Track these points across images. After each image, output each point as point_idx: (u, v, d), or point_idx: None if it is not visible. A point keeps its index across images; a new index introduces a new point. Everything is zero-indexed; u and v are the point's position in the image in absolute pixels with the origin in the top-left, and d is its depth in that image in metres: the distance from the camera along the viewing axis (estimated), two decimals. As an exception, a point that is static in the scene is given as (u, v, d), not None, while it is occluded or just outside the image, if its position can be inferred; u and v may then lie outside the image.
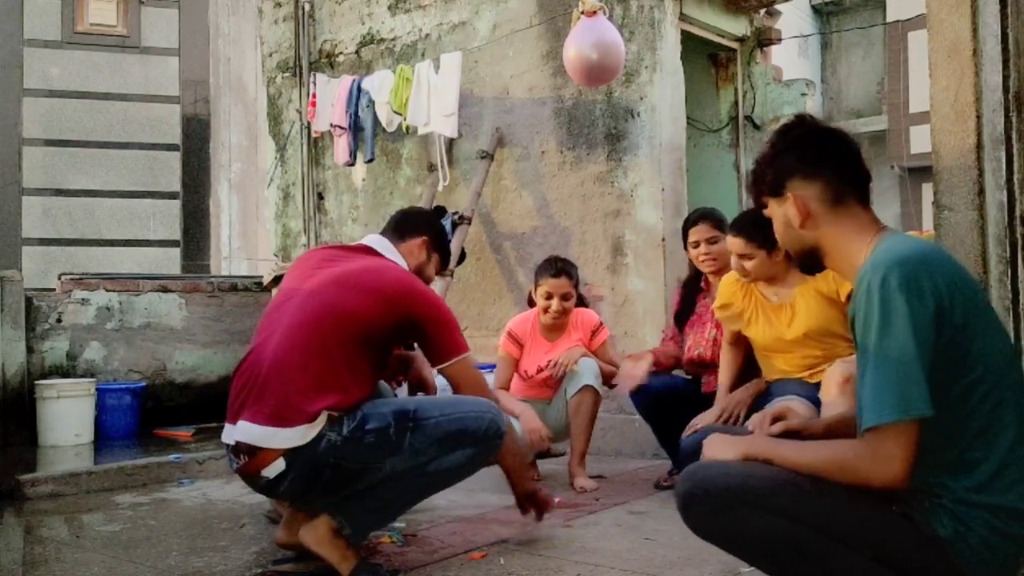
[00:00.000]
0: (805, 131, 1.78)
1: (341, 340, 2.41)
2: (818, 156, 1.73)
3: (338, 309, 2.44)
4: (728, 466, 1.65)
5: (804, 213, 1.73)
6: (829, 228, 1.72)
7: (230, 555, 2.89)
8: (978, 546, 1.53)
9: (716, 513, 1.62)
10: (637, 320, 4.64)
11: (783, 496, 1.58)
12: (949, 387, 1.52)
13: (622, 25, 4.62)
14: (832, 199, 1.71)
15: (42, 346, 5.37)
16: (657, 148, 4.60)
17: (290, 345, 2.40)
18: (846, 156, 1.74)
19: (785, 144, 1.77)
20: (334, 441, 2.34)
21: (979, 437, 1.53)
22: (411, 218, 2.89)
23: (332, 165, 6.13)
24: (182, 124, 9.44)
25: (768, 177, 1.78)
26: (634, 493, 3.58)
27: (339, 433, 2.35)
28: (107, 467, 4.23)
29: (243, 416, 2.38)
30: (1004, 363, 1.58)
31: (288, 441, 2.31)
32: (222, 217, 9.67)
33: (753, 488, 1.59)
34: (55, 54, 9.03)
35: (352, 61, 6.07)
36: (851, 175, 1.73)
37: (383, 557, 2.77)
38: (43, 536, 3.33)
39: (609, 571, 2.53)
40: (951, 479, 1.54)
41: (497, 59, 5.27)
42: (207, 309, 5.96)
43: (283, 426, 2.31)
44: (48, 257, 8.76)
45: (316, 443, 2.32)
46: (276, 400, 2.34)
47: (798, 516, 1.58)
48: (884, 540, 1.56)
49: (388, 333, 2.52)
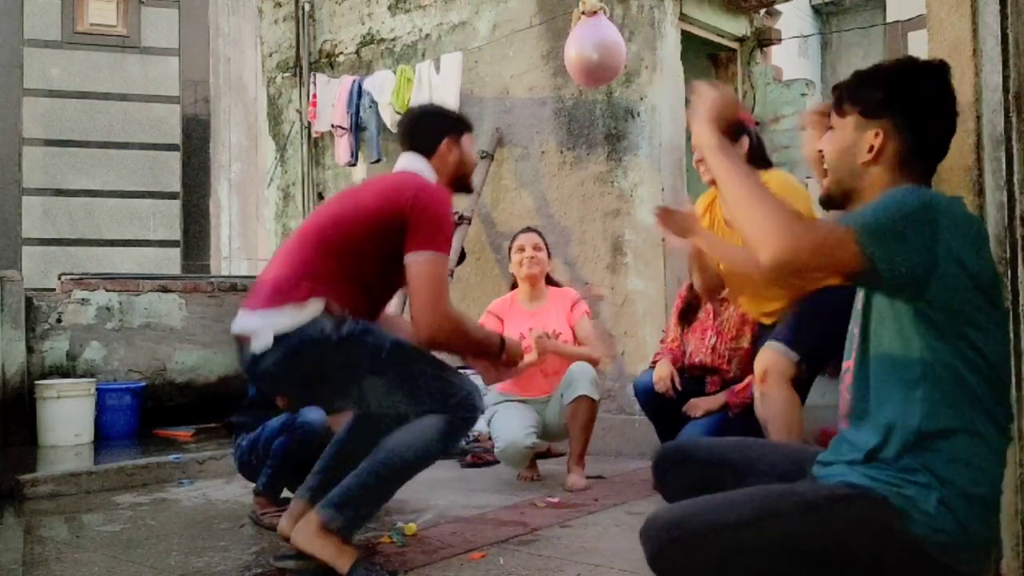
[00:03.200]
0: (945, 91, 1.64)
1: (335, 239, 2.48)
2: (935, 120, 1.63)
3: (335, 215, 2.55)
4: (684, 526, 1.57)
5: (877, 153, 1.64)
6: (883, 180, 1.65)
7: (230, 555, 2.89)
8: (936, 514, 1.51)
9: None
10: (637, 320, 4.64)
11: (753, 533, 1.53)
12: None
13: (622, 25, 4.62)
14: (907, 159, 1.64)
15: (42, 346, 5.37)
16: (657, 148, 4.60)
17: (287, 248, 2.56)
18: (945, 130, 1.65)
19: (920, 84, 1.64)
20: (328, 333, 2.37)
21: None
22: (423, 126, 2.76)
23: (332, 165, 6.13)
24: (182, 124, 9.43)
25: (877, 95, 1.64)
26: (633, 493, 3.58)
27: (336, 330, 2.37)
28: (107, 467, 4.23)
29: (244, 305, 2.51)
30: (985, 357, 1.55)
31: (276, 323, 2.38)
32: (222, 217, 9.66)
33: (725, 538, 1.54)
34: (55, 54, 9.02)
35: (352, 61, 6.07)
36: (936, 151, 1.67)
37: (383, 557, 2.77)
38: (43, 536, 3.33)
39: (609, 571, 2.53)
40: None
41: (497, 59, 5.27)
42: (207, 309, 5.96)
43: (271, 307, 2.41)
44: (48, 257, 8.75)
45: (308, 327, 2.37)
46: (267, 290, 2.46)
47: (774, 550, 1.54)
48: (858, 554, 1.53)
49: (383, 231, 2.46)
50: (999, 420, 1.57)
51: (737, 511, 1.55)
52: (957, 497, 1.52)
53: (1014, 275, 1.93)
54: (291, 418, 3.16)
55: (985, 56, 1.98)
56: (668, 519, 1.60)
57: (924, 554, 1.51)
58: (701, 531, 1.55)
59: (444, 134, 2.74)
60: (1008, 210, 1.94)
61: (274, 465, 3.21)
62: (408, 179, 2.59)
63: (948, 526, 1.51)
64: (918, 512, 1.52)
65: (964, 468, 1.53)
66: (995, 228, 1.95)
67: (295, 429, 3.15)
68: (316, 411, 3.16)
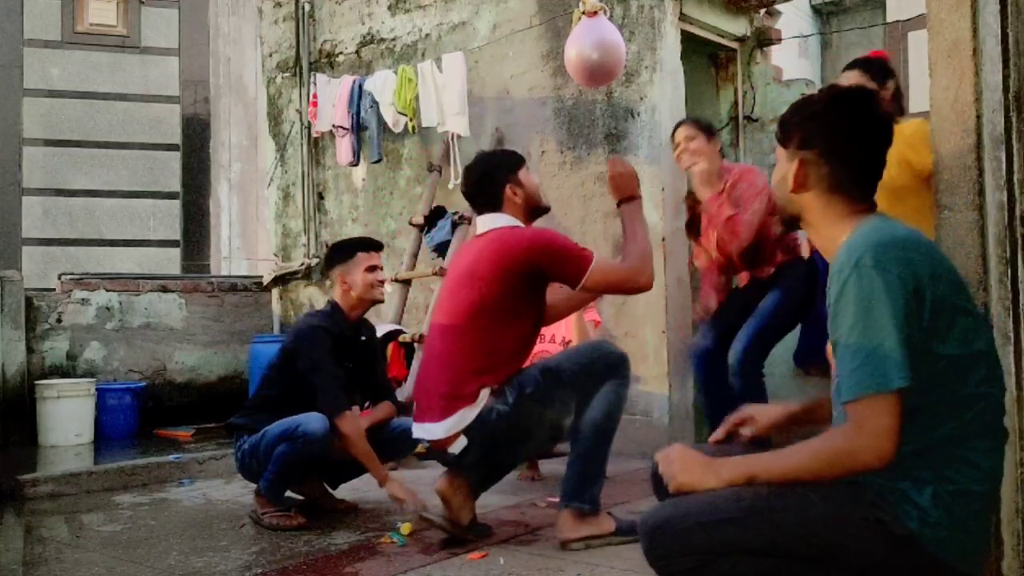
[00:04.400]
0: (852, 112, 1.70)
1: (475, 328, 2.75)
2: (845, 145, 1.68)
3: (463, 303, 2.79)
4: (685, 520, 1.59)
5: (799, 182, 1.70)
6: (816, 204, 1.70)
7: (230, 555, 2.89)
8: (942, 519, 1.51)
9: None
10: (637, 320, 4.64)
11: (746, 532, 1.54)
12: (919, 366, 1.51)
13: (622, 25, 4.62)
14: (833, 186, 1.68)
15: (42, 346, 5.37)
16: (657, 148, 4.60)
17: (434, 353, 2.87)
18: (870, 155, 1.69)
19: (827, 113, 1.71)
20: (501, 411, 2.71)
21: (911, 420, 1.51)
22: (481, 188, 2.99)
23: (332, 165, 6.12)
24: (182, 124, 9.42)
25: (793, 129, 1.73)
26: (634, 493, 3.58)
27: (505, 403, 2.72)
28: (107, 467, 4.23)
29: (419, 420, 2.85)
30: (959, 367, 1.55)
31: (456, 427, 2.72)
32: (222, 217, 9.65)
33: (718, 536, 1.55)
34: (55, 54, 9.02)
35: (352, 61, 6.07)
36: (865, 174, 1.70)
37: (383, 557, 2.77)
38: (43, 536, 3.33)
39: (609, 571, 2.53)
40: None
41: (497, 59, 5.27)
42: (207, 309, 5.96)
43: (449, 416, 2.73)
44: (48, 257, 8.75)
45: (487, 416, 2.71)
46: (440, 404, 2.76)
47: (767, 548, 1.55)
48: (852, 551, 1.53)
49: (516, 291, 2.77)
50: (995, 416, 1.57)
51: (731, 506, 1.56)
52: (952, 492, 1.52)
53: (1014, 275, 1.93)
54: (292, 426, 3.16)
55: (985, 56, 1.98)
56: (664, 514, 1.62)
57: (917, 549, 1.51)
58: (696, 526, 1.56)
59: (503, 183, 2.93)
60: (1008, 210, 1.94)
61: (275, 471, 3.21)
62: (507, 236, 2.83)
63: (942, 521, 1.51)
64: (911, 506, 1.52)
65: (960, 464, 1.53)
66: (995, 228, 1.95)
67: (296, 439, 3.14)
68: (317, 420, 3.15)
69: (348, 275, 3.45)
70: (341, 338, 3.41)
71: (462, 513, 2.87)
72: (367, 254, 3.50)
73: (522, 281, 2.77)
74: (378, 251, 3.56)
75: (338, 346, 3.38)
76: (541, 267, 2.77)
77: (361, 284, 3.44)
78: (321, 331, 3.35)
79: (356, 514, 3.44)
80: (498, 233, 2.86)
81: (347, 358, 3.43)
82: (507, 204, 2.93)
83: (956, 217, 2.03)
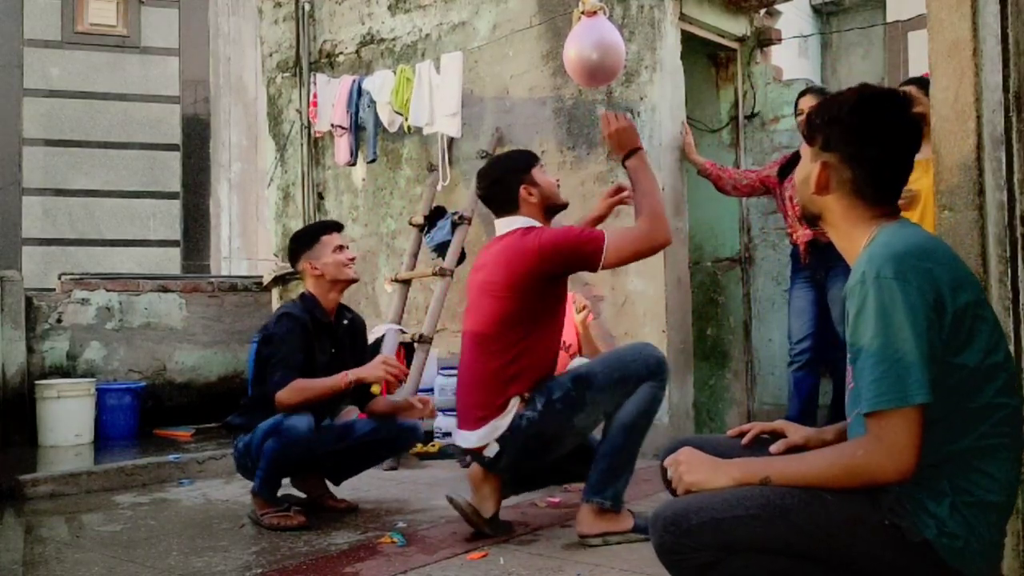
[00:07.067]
0: (876, 117, 1.66)
1: (501, 336, 2.80)
2: (868, 151, 1.66)
3: (487, 314, 2.84)
4: (702, 515, 1.58)
5: (821, 185, 1.69)
6: (837, 207, 1.70)
7: (230, 555, 2.89)
8: (958, 531, 1.50)
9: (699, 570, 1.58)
10: (637, 320, 4.64)
11: (760, 530, 1.54)
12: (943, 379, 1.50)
13: (622, 25, 4.62)
14: (854, 190, 1.67)
15: (42, 346, 5.37)
16: (657, 148, 4.60)
17: (466, 362, 2.93)
18: (894, 161, 1.67)
19: (852, 117, 1.67)
20: (532, 417, 2.77)
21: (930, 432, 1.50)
22: (496, 192, 3.01)
23: (332, 165, 6.12)
24: (182, 124, 9.42)
25: (817, 129, 1.71)
26: (634, 493, 3.58)
27: (535, 410, 2.77)
28: (107, 467, 4.23)
29: (459, 427, 2.94)
30: (977, 377, 1.54)
31: (488, 436, 2.80)
32: (222, 217, 9.65)
33: (732, 533, 1.54)
34: (55, 54, 9.02)
35: (352, 61, 6.07)
36: (889, 180, 1.68)
37: (383, 557, 2.77)
38: (43, 536, 3.33)
39: (609, 571, 2.53)
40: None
41: (497, 59, 5.27)
42: (207, 309, 5.96)
43: (482, 426, 2.81)
44: (48, 257, 8.74)
45: (517, 423, 2.77)
46: (474, 414, 2.85)
47: (780, 547, 1.54)
48: (866, 554, 1.53)
49: (536, 296, 2.81)
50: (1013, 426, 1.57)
51: (745, 505, 1.55)
52: (969, 504, 1.52)
53: (1014, 275, 1.93)
54: (279, 421, 3.15)
55: (985, 56, 1.98)
56: (678, 509, 1.60)
57: (931, 556, 1.51)
58: (708, 523, 1.55)
59: (517, 185, 2.94)
60: (1008, 210, 1.94)
61: (264, 467, 3.20)
62: (516, 245, 2.84)
63: (959, 532, 1.51)
64: (929, 516, 1.52)
65: (976, 475, 1.52)
66: (995, 228, 1.95)
67: (281, 433, 3.13)
68: (301, 417, 3.15)
69: (317, 260, 3.43)
70: (317, 325, 3.38)
71: (486, 504, 2.90)
72: (330, 235, 3.49)
73: (540, 287, 2.81)
74: (339, 231, 3.55)
75: (316, 333, 3.36)
76: (555, 269, 2.80)
77: (332, 265, 3.42)
78: (287, 318, 3.32)
79: (356, 514, 3.44)
80: (509, 240, 2.88)
81: (327, 344, 3.42)
82: (523, 205, 2.95)
83: (956, 217, 2.03)
